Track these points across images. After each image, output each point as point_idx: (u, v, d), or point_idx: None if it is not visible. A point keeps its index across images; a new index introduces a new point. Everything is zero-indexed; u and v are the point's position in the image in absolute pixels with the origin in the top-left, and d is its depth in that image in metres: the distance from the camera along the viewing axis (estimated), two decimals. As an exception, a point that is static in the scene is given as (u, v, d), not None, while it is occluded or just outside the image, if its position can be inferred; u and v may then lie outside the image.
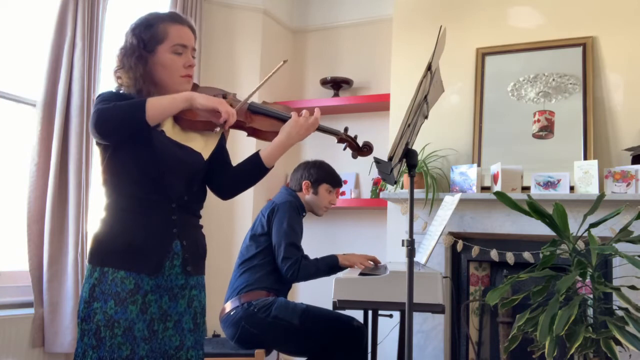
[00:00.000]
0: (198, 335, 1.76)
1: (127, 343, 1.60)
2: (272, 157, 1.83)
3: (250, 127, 1.84)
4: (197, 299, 1.77)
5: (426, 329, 3.29)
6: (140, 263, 1.65)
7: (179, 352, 1.70)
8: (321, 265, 2.74)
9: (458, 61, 3.46)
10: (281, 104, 2.12)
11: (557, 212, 2.22)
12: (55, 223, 2.80)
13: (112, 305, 1.60)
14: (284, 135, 1.82)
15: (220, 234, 3.80)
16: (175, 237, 1.71)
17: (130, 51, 1.71)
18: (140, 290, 1.64)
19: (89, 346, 1.59)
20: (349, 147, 2.01)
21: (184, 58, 1.74)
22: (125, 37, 1.75)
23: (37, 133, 2.79)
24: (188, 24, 1.77)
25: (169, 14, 1.79)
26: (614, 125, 3.11)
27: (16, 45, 2.89)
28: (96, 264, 1.65)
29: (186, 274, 1.74)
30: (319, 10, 4.41)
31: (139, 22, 1.75)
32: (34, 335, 2.74)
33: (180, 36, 1.73)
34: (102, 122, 1.59)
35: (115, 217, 1.68)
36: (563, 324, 1.98)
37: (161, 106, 1.62)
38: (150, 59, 1.71)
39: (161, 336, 1.68)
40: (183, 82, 1.75)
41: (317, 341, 2.64)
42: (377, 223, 3.90)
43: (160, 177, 1.69)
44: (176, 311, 1.71)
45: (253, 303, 2.63)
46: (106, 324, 1.59)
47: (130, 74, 1.70)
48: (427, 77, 1.83)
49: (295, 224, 2.76)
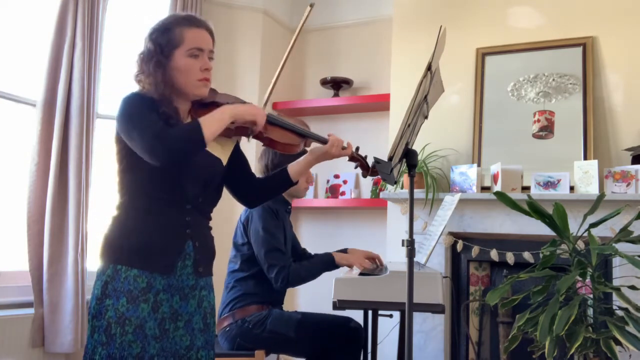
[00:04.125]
0: (208, 335, 1.77)
1: (137, 341, 1.60)
2: (299, 173, 1.99)
3: (267, 137, 1.87)
4: (206, 300, 1.78)
5: (426, 329, 3.29)
6: (153, 262, 1.66)
7: (189, 352, 1.71)
8: (314, 266, 2.64)
9: (458, 61, 3.46)
10: (281, 105, 2.13)
11: (557, 212, 2.22)
12: (55, 223, 2.80)
13: (124, 303, 1.61)
14: (313, 157, 1.97)
15: (220, 233, 3.78)
16: (188, 238, 1.72)
17: (148, 57, 1.71)
18: (152, 289, 1.65)
19: (99, 343, 1.60)
20: (360, 167, 2.10)
21: (201, 61, 1.73)
22: (144, 42, 1.75)
23: (37, 133, 2.79)
24: (205, 26, 1.77)
25: (185, 16, 1.78)
26: (614, 125, 3.11)
27: (16, 45, 2.89)
28: (109, 261, 1.66)
29: (197, 275, 1.75)
30: (318, 10, 4.40)
31: (156, 26, 1.75)
32: (34, 335, 2.74)
33: (196, 39, 1.73)
34: (167, 151, 1.58)
35: (129, 216, 1.70)
36: (563, 324, 1.98)
37: (214, 127, 1.64)
38: (168, 64, 1.71)
39: (172, 335, 1.68)
40: (200, 85, 1.74)
41: (314, 347, 2.63)
42: (377, 223, 3.90)
43: (178, 179, 1.70)
44: (187, 311, 1.72)
45: (247, 319, 2.58)
46: (117, 321, 1.60)
47: (150, 80, 1.70)
48: (427, 77, 1.83)
49: (272, 227, 2.61)
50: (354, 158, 2.06)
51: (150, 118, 1.63)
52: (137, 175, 1.69)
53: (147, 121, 1.61)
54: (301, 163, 1.98)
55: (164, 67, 1.71)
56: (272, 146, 1.90)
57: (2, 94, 2.81)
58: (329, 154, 1.94)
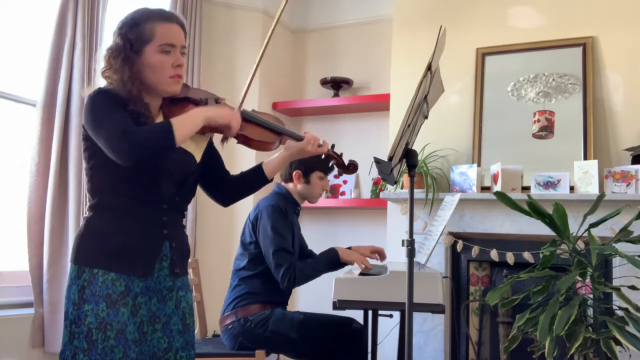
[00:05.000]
0: (188, 335, 1.74)
1: (119, 346, 1.57)
2: (274, 170, 1.93)
3: (242, 134, 1.81)
4: (184, 300, 1.75)
5: (426, 329, 3.29)
6: (131, 265, 1.62)
7: (167, 353, 1.68)
8: (320, 263, 2.65)
9: (458, 61, 3.46)
10: (281, 106, 2.13)
11: (557, 212, 2.22)
12: (55, 223, 2.80)
13: (104, 308, 1.57)
14: (288, 154, 1.91)
15: (220, 233, 3.80)
16: (165, 239, 1.69)
17: (116, 52, 1.65)
18: (130, 293, 1.62)
19: (79, 349, 1.56)
20: (335, 165, 2.08)
21: (173, 57, 1.66)
22: (113, 36, 1.69)
23: (37, 133, 2.79)
24: (177, 20, 1.70)
25: (156, 11, 1.70)
26: (614, 125, 3.11)
27: (16, 45, 2.89)
28: (85, 264, 1.60)
29: (174, 276, 1.72)
30: (319, 10, 4.40)
31: (125, 20, 1.68)
32: (34, 335, 2.74)
33: (167, 35, 1.65)
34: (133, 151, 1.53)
35: (105, 217, 1.65)
36: (563, 324, 1.98)
37: (186, 130, 1.59)
38: (138, 60, 1.64)
39: (150, 338, 1.66)
40: (171, 82, 1.67)
41: (316, 348, 2.63)
42: (377, 223, 3.89)
43: (153, 178, 1.66)
44: (164, 313, 1.69)
45: (249, 318, 2.59)
46: (98, 327, 1.56)
47: (117, 76, 1.63)
48: (427, 77, 1.83)
49: (281, 227, 2.61)
50: (330, 156, 2.02)
51: (118, 115, 1.57)
52: (109, 174, 1.63)
53: (114, 119, 1.56)
54: (276, 160, 1.92)
55: (133, 63, 1.64)
56: (247, 144, 1.85)
57: (2, 94, 2.81)
58: (304, 151, 1.88)
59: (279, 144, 1.91)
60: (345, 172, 2.09)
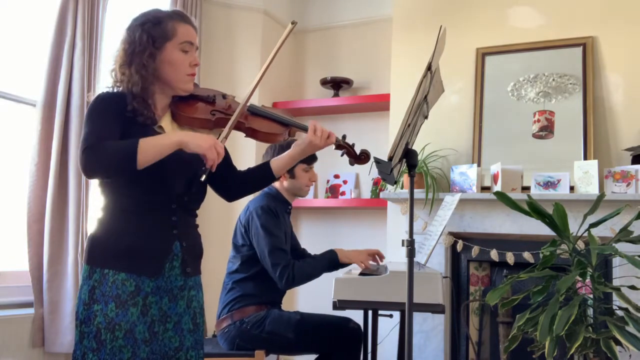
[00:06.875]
0: (198, 335, 1.76)
1: (128, 346, 1.59)
2: (283, 168, 1.92)
3: (249, 127, 1.83)
4: (195, 299, 1.77)
5: (426, 329, 3.29)
6: (141, 265, 1.64)
7: (178, 352, 1.70)
8: (318, 263, 2.64)
9: (458, 61, 3.46)
10: (281, 105, 2.13)
11: (557, 212, 2.22)
12: (55, 223, 2.80)
13: (113, 308, 1.60)
14: (297, 150, 1.88)
15: (219, 232, 3.79)
16: (175, 239, 1.71)
17: (140, 47, 1.68)
18: (140, 292, 1.64)
19: (89, 349, 1.59)
20: (347, 155, 2.01)
21: (190, 56, 1.74)
22: (132, 32, 1.71)
23: (37, 133, 2.79)
24: (192, 23, 1.79)
25: (175, 12, 1.79)
26: (614, 125, 3.11)
27: (16, 45, 2.89)
28: (96, 265, 1.63)
29: (185, 275, 1.74)
30: (318, 10, 4.41)
31: (146, 18, 1.72)
32: (34, 335, 2.74)
33: (188, 34, 1.74)
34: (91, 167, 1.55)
35: (115, 218, 1.67)
36: (563, 324, 1.98)
37: (150, 154, 1.57)
38: (158, 56, 1.70)
39: (161, 337, 1.67)
40: (188, 80, 1.75)
41: (313, 348, 2.64)
42: (377, 223, 3.90)
43: (161, 178, 1.68)
44: (176, 312, 1.71)
45: (245, 320, 2.59)
46: (107, 327, 1.58)
47: (134, 70, 1.67)
48: (427, 77, 1.83)
49: (273, 227, 2.61)
50: (341, 146, 1.98)
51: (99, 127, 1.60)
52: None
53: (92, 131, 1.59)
54: (285, 157, 1.91)
55: (155, 58, 1.69)
56: (254, 136, 1.85)
57: (2, 94, 2.81)
58: (313, 145, 1.86)
59: (288, 135, 1.91)
60: (357, 162, 2.02)
